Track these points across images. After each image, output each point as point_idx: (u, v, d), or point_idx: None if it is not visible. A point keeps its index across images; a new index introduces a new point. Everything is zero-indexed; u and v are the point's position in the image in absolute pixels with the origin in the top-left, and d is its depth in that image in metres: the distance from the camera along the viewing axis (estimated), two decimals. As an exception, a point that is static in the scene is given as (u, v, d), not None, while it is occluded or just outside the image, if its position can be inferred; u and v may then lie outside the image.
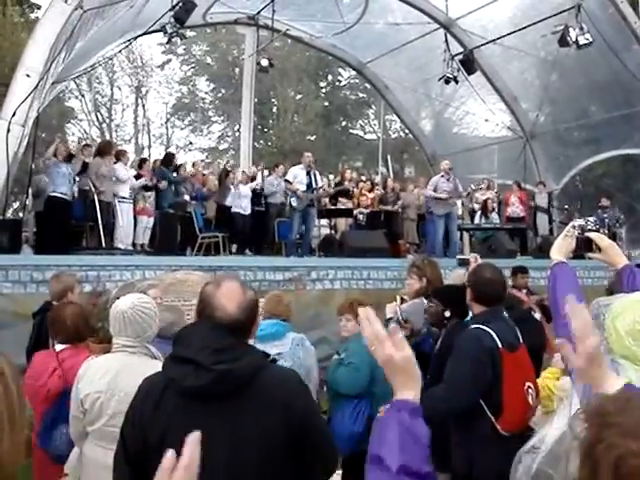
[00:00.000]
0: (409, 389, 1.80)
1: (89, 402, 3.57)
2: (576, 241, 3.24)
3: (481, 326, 4.14)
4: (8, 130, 9.86)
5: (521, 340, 4.30)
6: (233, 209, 14.78)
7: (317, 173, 14.01)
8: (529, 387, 4.13)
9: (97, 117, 39.48)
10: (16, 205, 23.61)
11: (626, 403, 1.39)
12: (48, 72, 10.41)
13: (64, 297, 5.89)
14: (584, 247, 3.27)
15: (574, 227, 3.30)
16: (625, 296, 2.69)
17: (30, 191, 13.30)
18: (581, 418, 1.40)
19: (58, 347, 4.55)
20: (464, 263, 5.10)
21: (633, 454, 1.25)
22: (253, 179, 16.01)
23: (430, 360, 4.81)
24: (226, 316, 2.55)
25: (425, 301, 5.24)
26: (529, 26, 15.92)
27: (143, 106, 41.08)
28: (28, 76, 10.11)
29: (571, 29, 14.12)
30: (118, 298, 3.98)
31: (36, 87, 10.11)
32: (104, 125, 40.02)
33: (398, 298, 5.60)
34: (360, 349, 4.76)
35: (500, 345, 4.03)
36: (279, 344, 5.21)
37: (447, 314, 4.94)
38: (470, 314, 4.57)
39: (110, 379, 3.55)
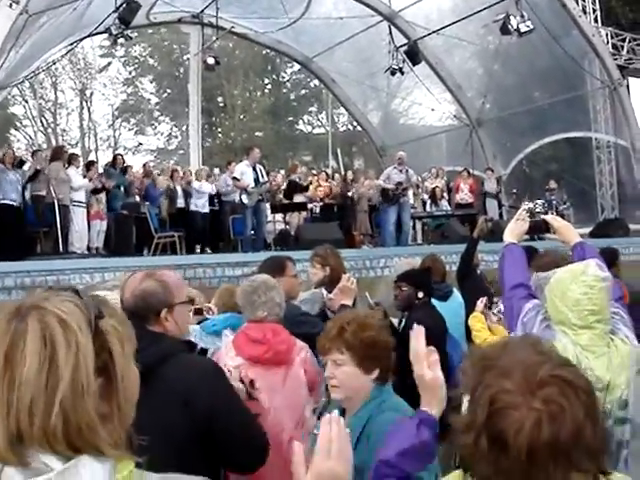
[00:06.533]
0: (431, 406, 2.05)
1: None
2: (533, 224, 3.47)
3: None
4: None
5: None
6: (191, 207, 14.85)
7: (262, 168, 14.08)
8: None
9: (42, 122, 38.92)
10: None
11: (503, 348, 1.55)
12: (-5, 78, 10.33)
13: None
14: (542, 229, 3.51)
15: (525, 211, 3.52)
16: (561, 269, 2.95)
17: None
18: (466, 365, 1.56)
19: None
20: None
21: (505, 391, 1.41)
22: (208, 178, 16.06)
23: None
24: (124, 305, 2.62)
25: (324, 292, 5.23)
26: (471, 15, 16.19)
27: (88, 109, 40.56)
28: (-25, 82, 10.04)
29: (512, 17, 14.40)
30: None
31: (-17, 93, 10.03)
32: (49, 130, 39.46)
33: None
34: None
35: None
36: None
37: (420, 295, 5.20)
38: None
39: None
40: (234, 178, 13.62)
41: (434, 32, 17.33)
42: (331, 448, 1.46)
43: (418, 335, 2.11)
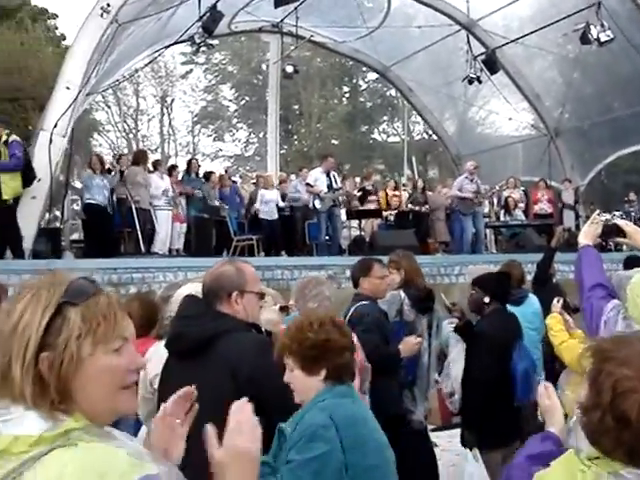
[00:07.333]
0: (551, 425, 2.32)
1: (158, 382, 3.86)
2: (605, 228, 3.59)
3: None
4: (50, 141, 10.24)
5: None
6: (260, 215, 14.96)
7: (336, 174, 14.28)
8: None
9: (124, 128, 40.01)
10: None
11: (619, 342, 1.85)
12: (86, 84, 10.79)
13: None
14: (615, 232, 3.63)
15: (599, 214, 3.64)
16: None
17: (66, 202, 13.68)
18: (587, 356, 1.84)
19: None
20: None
21: (627, 378, 1.70)
22: (280, 184, 16.29)
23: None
24: (203, 287, 3.07)
25: (402, 294, 5.47)
26: (550, 25, 16.05)
27: (169, 115, 41.54)
28: (68, 88, 10.50)
29: (592, 26, 14.21)
30: (164, 298, 4.22)
31: (75, 99, 10.48)
32: (130, 136, 40.56)
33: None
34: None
35: None
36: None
37: (486, 300, 5.31)
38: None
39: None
40: (307, 184, 13.82)
41: (513, 41, 17.24)
42: (242, 427, 1.58)
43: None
